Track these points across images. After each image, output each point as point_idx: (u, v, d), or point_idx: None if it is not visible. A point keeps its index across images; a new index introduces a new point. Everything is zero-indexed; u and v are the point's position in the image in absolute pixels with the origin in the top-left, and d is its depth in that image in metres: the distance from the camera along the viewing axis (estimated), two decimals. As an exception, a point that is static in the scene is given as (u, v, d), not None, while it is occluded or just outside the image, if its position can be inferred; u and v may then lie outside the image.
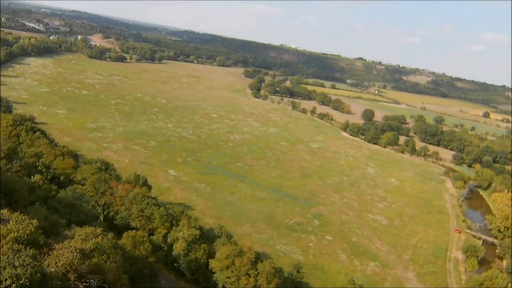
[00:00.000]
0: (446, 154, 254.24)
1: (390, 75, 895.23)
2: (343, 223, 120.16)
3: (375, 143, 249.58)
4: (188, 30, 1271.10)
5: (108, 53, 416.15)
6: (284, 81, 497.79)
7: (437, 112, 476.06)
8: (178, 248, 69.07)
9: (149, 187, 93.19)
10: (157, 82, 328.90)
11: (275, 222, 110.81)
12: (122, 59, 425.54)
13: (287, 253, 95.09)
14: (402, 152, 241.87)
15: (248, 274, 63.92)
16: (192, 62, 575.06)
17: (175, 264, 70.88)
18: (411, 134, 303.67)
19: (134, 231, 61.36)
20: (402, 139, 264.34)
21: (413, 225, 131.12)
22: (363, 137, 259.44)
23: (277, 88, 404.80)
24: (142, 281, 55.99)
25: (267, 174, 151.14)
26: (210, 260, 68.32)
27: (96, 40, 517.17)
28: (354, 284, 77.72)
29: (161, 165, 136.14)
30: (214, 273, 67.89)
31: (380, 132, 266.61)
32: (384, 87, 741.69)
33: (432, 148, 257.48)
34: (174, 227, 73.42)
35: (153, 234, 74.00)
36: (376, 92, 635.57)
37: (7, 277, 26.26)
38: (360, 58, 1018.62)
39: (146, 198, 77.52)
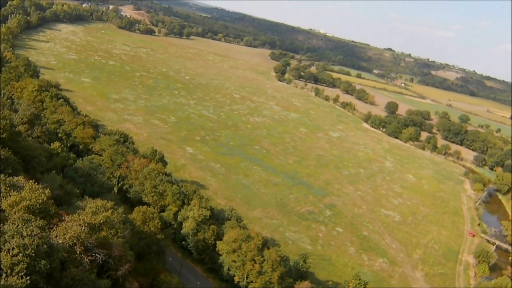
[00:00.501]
0: (468, 155, 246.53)
1: (418, 68, 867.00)
2: (355, 216, 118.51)
3: (396, 137, 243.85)
4: (218, 8, 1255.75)
5: (137, 25, 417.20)
6: (309, 66, 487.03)
7: (463, 110, 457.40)
8: (188, 227, 69.78)
9: (165, 163, 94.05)
10: (183, 58, 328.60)
11: (287, 208, 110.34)
12: (150, 32, 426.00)
13: (296, 241, 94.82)
14: (423, 148, 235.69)
15: (254, 260, 63.99)
16: (219, 40, 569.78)
17: (183, 242, 71.85)
18: (434, 131, 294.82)
19: (145, 206, 62.11)
20: (424, 135, 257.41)
21: (426, 224, 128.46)
22: (384, 130, 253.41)
23: (302, 73, 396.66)
24: (149, 256, 57.04)
25: (284, 159, 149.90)
26: (217, 242, 68.78)
27: (127, 11, 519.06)
28: (360, 279, 76.73)
29: (179, 142, 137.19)
30: (220, 255, 68.43)
31: (402, 126, 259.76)
32: (411, 80, 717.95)
33: (454, 147, 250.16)
34: (185, 206, 74.04)
35: (164, 211, 75.02)
36: (402, 84, 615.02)
37: (14, 246, 26.65)
38: (389, 49, 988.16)
39: (160, 174, 78.21)
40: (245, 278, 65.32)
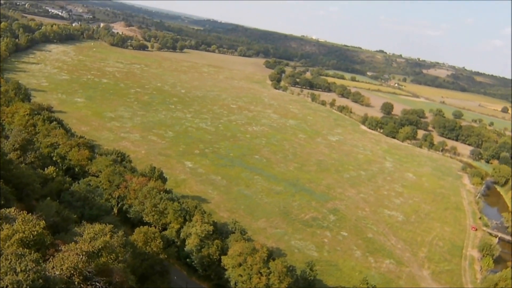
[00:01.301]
0: (464, 149, 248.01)
1: (410, 68, 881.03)
2: (359, 219, 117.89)
3: (394, 137, 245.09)
4: (211, 19, 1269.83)
5: (130, 41, 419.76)
6: (304, 73, 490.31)
7: (456, 106, 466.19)
8: (191, 244, 68.59)
9: (164, 180, 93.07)
10: (178, 71, 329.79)
11: (291, 216, 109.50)
12: (143, 48, 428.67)
13: (302, 249, 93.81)
14: (420, 146, 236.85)
15: (260, 273, 62.68)
16: (213, 51, 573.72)
17: (188, 259, 70.61)
18: (429, 128, 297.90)
19: (146, 227, 60.97)
20: (420, 133, 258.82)
21: (429, 222, 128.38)
22: (381, 130, 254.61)
23: (297, 80, 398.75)
24: (153, 277, 55.70)
25: (284, 167, 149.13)
26: (222, 257, 67.67)
27: (119, 28, 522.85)
28: (367, 283, 75.14)
29: (178, 156, 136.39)
30: (226, 270, 67.10)
31: (399, 126, 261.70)
32: (404, 80, 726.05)
33: (450, 143, 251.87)
34: (187, 222, 72.97)
35: (166, 229, 73.74)
36: (396, 85, 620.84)
37: (8, 284, 25.44)
38: (381, 51, 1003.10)
39: (160, 192, 77.09)
40: (252, 292, 63.73)
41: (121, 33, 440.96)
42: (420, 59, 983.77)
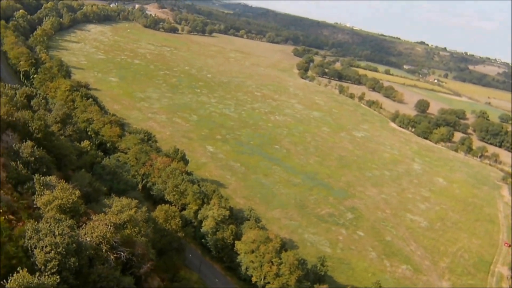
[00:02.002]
0: (508, 158, 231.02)
1: (454, 63, 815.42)
2: (378, 220, 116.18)
3: (426, 138, 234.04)
4: (241, 3, 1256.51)
5: (161, 23, 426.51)
6: (334, 63, 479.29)
7: (504, 109, 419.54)
8: (207, 226, 71.57)
9: (186, 162, 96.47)
10: (205, 56, 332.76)
11: (306, 210, 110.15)
12: (174, 30, 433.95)
13: (315, 244, 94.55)
14: (456, 150, 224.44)
15: (272, 262, 64.82)
16: (241, 37, 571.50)
17: (203, 240, 73.75)
18: (469, 131, 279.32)
19: (167, 205, 64.36)
20: (458, 136, 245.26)
21: (456, 232, 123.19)
22: (413, 130, 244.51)
23: (326, 70, 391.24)
24: (169, 253, 59.17)
25: (304, 159, 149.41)
26: (236, 242, 70.09)
27: (152, 9, 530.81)
28: (380, 287, 75.61)
29: (200, 140, 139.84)
30: (238, 254, 69.75)
31: (434, 126, 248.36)
32: (445, 76, 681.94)
33: (492, 149, 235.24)
34: (205, 205, 75.89)
35: (185, 209, 77.22)
36: (435, 81, 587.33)
37: (47, 244, 28.66)
38: (422, 42, 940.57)
39: (182, 174, 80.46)
40: (262, 279, 66.33)
41: (153, 15, 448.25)
42: (468, 53, 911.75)
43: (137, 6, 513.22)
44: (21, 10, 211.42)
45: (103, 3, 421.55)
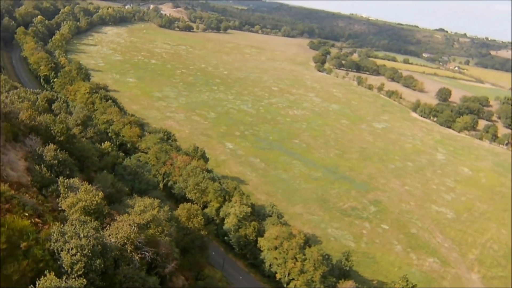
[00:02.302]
0: None
1: (475, 49, 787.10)
2: (402, 212, 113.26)
3: (449, 127, 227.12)
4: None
5: (176, 22, 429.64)
6: (351, 54, 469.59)
7: None
8: (229, 223, 71.27)
9: (206, 160, 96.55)
10: (221, 53, 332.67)
11: (328, 204, 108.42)
12: (189, 29, 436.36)
13: (338, 238, 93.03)
14: (481, 138, 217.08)
15: (295, 258, 63.84)
16: (256, 32, 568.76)
17: (225, 237, 73.56)
18: (493, 118, 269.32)
19: (189, 203, 64.31)
20: (482, 123, 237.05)
21: (484, 222, 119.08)
22: (435, 119, 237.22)
23: (343, 62, 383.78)
24: (193, 251, 59.15)
25: (324, 153, 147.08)
26: (259, 238, 69.50)
27: (166, 9, 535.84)
28: (407, 281, 73.28)
29: (219, 137, 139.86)
30: (262, 251, 69.12)
31: (456, 114, 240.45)
32: (467, 63, 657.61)
33: None
34: (226, 202, 75.58)
35: (206, 207, 77.16)
36: (456, 68, 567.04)
37: (73, 247, 28.67)
38: (441, 29, 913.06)
39: (202, 171, 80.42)
40: (286, 275, 65.50)
41: (168, 15, 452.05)
42: (489, 39, 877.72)
43: (151, 6, 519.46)
44: (39, 16, 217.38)
45: (118, 5, 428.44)
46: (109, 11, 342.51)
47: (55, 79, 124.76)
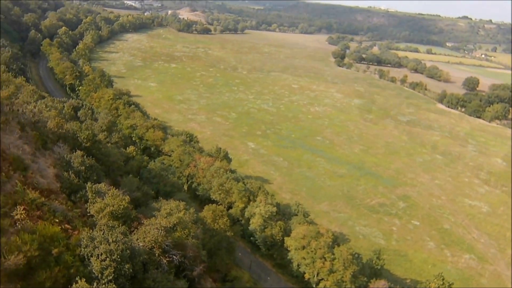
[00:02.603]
0: None
1: (502, 35, 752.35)
2: (433, 208, 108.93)
3: (479, 117, 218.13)
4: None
5: (194, 25, 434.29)
6: (371, 47, 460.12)
7: None
8: (255, 223, 70.51)
9: (229, 160, 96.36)
10: (239, 53, 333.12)
11: (355, 201, 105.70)
12: (207, 31, 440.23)
13: (367, 236, 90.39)
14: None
15: (324, 258, 62.21)
16: (273, 30, 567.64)
17: (252, 238, 72.84)
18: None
19: (214, 205, 64.11)
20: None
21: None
22: (463, 109, 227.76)
23: (363, 55, 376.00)
24: (219, 252, 58.80)
25: (348, 149, 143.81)
26: (285, 238, 68.32)
27: (184, 13, 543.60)
28: (443, 279, 69.87)
29: (241, 137, 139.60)
30: (289, 251, 67.92)
31: (486, 103, 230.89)
32: (494, 50, 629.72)
33: None
34: (251, 202, 74.90)
35: (231, 207, 76.79)
36: (483, 56, 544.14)
37: (102, 252, 28.71)
38: (465, 17, 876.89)
39: (226, 172, 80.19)
40: (315, 276, 63.97)
41: (186, 19, 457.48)
42: None
43: (169, 11, 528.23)
44: (63, 28, 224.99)
45: (138, 12, 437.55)
46: (129, 18, 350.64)
47: (80, 87, 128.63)
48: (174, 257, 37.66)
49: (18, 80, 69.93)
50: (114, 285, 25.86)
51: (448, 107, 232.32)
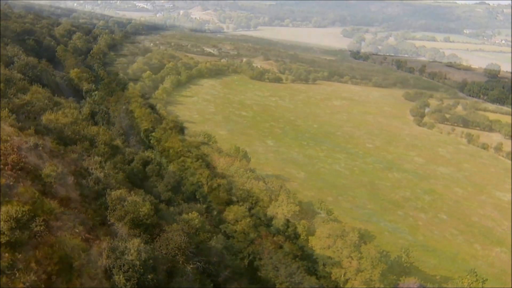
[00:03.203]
0: None
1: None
2: (460, 200, 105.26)
3: (502, 105, 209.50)
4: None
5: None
6: (387, 38, 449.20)
7: None
8: (277, 223, 68.73)
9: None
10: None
11: (379, 196, 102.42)
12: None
13: (393, 232, 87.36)
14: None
15: (351, 257, 59.97)
16: (286, 26, 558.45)
17: (275, 238, 70.98)
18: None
19: (236, 206, 62.70)
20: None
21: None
22: (485, 97, 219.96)
23: (379, 47, 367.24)
24: (241, 255, 57.19)
25: (371, 142, 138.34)
26: (310, 237, 66.35)
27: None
28: (476, 275, 66.70)
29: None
30: (314, 250, 65.88)
31: (509, 90, 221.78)
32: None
33: None
34: (273, 202, 73.15)
35: (253, 208, 75.15)
36: (503, 42, 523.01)
37: (124, 263, 27.50)
38: (482, 2, 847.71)
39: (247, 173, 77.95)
40: (342, 275, 61.76)
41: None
42: None
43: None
44: (77, 33, 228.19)
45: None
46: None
47: (95, 92, 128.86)
48: (198, 263, 36.28)
49: (34, 87, 69.79)
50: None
51: (469, 95, 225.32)
